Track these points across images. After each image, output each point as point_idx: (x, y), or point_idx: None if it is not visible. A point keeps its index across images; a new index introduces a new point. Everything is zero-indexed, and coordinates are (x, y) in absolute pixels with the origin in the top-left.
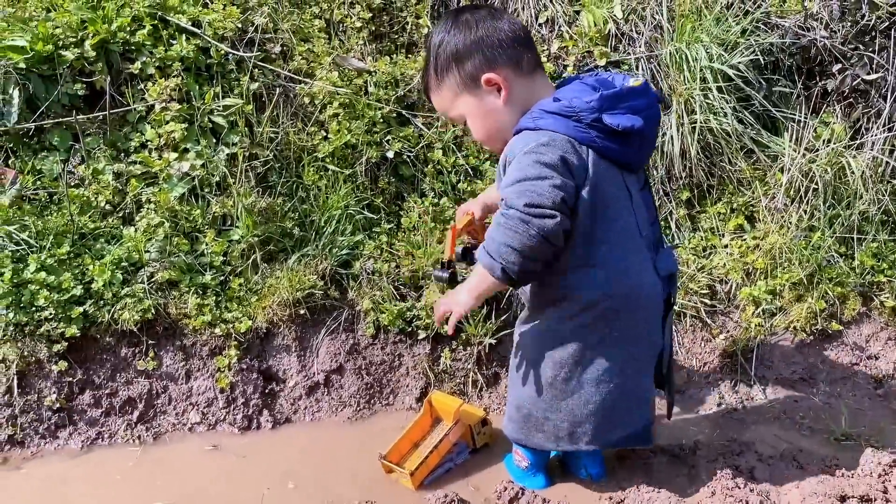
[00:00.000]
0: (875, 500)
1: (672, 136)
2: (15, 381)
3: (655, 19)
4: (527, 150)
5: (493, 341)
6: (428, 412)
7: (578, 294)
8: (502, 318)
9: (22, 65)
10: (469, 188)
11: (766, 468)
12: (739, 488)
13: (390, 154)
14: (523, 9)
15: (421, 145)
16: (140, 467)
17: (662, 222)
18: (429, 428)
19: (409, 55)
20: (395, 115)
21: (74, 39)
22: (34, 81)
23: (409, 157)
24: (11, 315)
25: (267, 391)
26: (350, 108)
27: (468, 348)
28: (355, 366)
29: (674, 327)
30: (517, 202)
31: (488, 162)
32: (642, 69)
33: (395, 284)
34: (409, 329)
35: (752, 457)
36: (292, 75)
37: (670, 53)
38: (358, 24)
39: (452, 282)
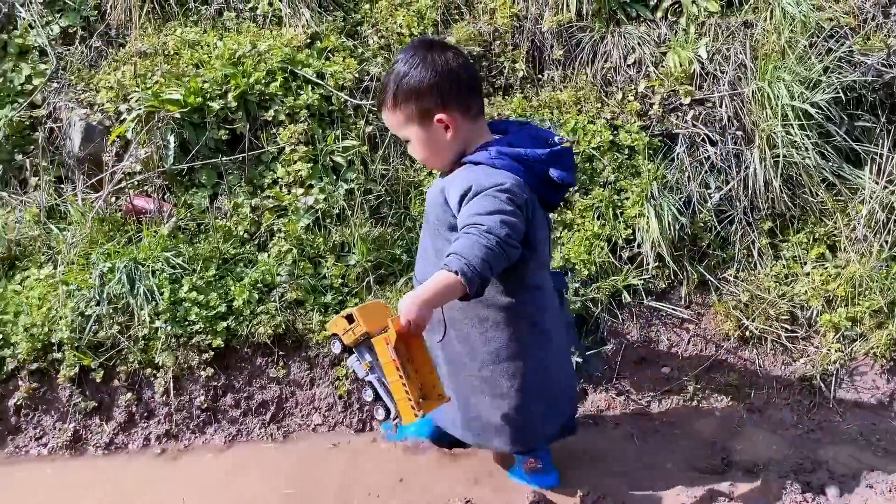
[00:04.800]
0: None
1: (755, 169)
2: (171, 384)
3: (739, 59)
4: (500, 188)
5: (581, 360)
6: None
7: (531, 311)
8: (590, 337)
9: (177, 114)
10: (559, 217)
11: (836, 486)
12: (808, 503)
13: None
14: (612, 51)
15: None
16: (273, 460)
17: (744, 251)
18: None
19: (506, 96)
20: None
21: (219, 92)
22: (187, 128)
23: None
24: (169, 328)
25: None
26: None
27: None
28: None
29: (746, 350)
30: (500, 231)
31: (577, 193)
32: (725, 106)
33: None
34: None
35: (823, 474)
36: None
37: (753, 92)
38: None
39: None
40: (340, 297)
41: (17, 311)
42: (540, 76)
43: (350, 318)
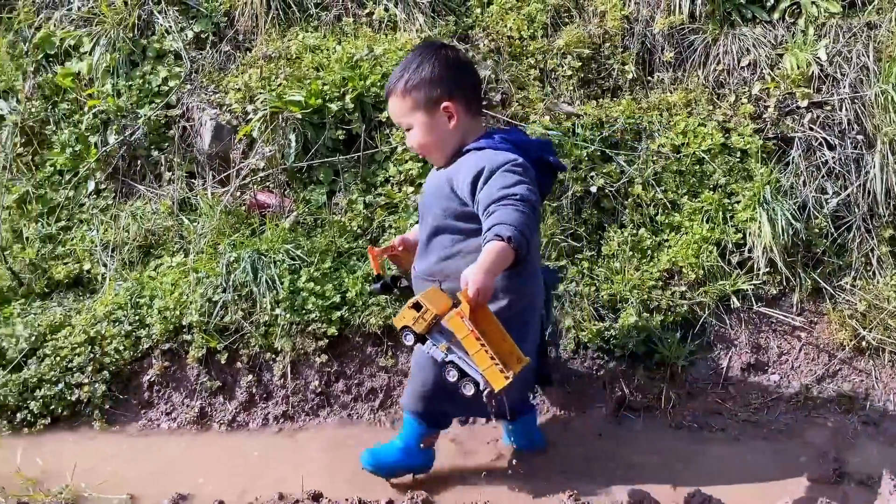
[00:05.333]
0: None
1: (876, 175)
2: (288, 369)
3: (861, 60)
4: (516, 163)
5: (686, 363)
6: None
7: (523, 287)
8: (696, 342)
9: (299, 115)
10: (666, 220)
11: None
12: None
13: (594, 188)
14: (725, 53)
15: (622, 181)
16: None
17: (862, 259)
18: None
19: (614, 98)
20: (599, 153)
21: (338, 94)
22: (307, 129)
23: (610, 191)
24: (288, 315)
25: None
26: (559, 148)
27: (661, 368)
28: (557, 376)
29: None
30: (531, 198)
31: (686, 196)
32: (846, 109)
33: (595, 306)
34: (607, 347)
35: None
36: (510, 119)
37: (876, 95)
38: (568, 73)
39: (386, 290)
40: None
41: (153, 296)
42: (650, 78)
43: (417, 306)
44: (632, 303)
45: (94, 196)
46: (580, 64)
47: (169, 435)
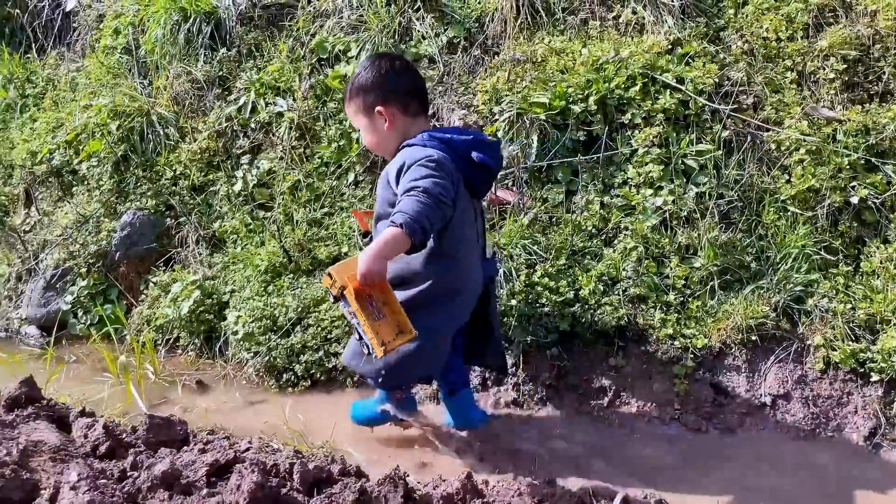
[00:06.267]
0: None
1: None
2: (521, 358)
3: None
4: (430, 159)
5: None
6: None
7: (443, 274)
8: None
9: (542, 116)
10: None
11: None
12: None
13: (855, 199)
14: None
15: (889, 192)
16: (609, 446)
17: None
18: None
19: (883, 104)
20: (863, 161)
21: (581, 96)
22: (549, 129)
23: (874, 203)
24: (521, 307)
25: (715, 402)
26: (816, 155)
27: None
28: (802, 395)
29: None
30: (434, 190)
31: None
32: None
33: (850, 325)
34: (861, 370)
35: None
36: (761, 124)
37: None
38: (831, 76)
39: None
40: (682, 298)
41: None
42: None
43: (330, 276)
44: (894, 324)
45: (353, 186)
46: (845, 66)
47: None
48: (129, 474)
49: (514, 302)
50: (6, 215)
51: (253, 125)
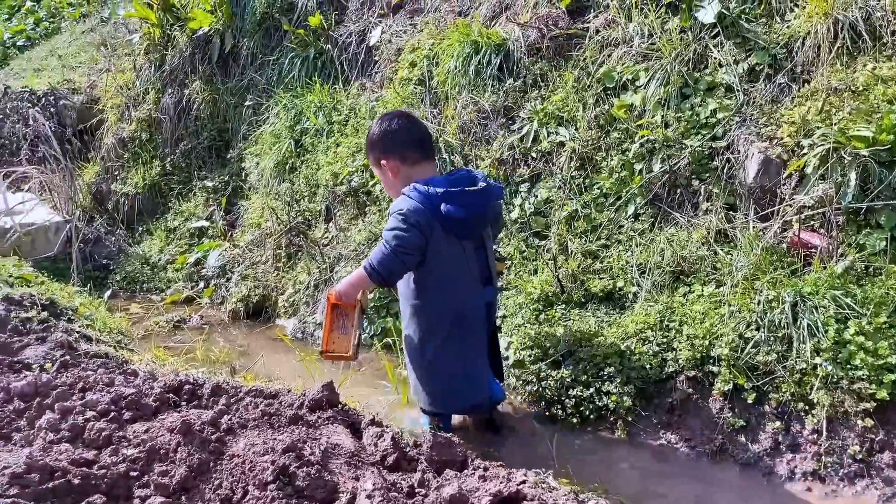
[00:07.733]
0: None
1: None
2: (823, 425)
3: None
4: (400, 212)
5: None
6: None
7: (437, 303)
8: None
9: (864, 152)
10: None
11: None
12: None
13: None
14: None
15: None
16: None
17: None
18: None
19: None
20: None
21: None
22: (871, 167)
23: None
24: (830, 368)
25: None
26: None
27: None
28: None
29: None
30: (392, 242)
31: None
32: None
33: None
34: None
35: None
36: None
37: None
38: None
39: None
40: None
41: (682, 321)
42: None
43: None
44: None
45: (633, 219)
46: None
47: (685, 461)
48: (416, 491)
49: (818, 360)
50: (309, 229)
51: (534, 154)
